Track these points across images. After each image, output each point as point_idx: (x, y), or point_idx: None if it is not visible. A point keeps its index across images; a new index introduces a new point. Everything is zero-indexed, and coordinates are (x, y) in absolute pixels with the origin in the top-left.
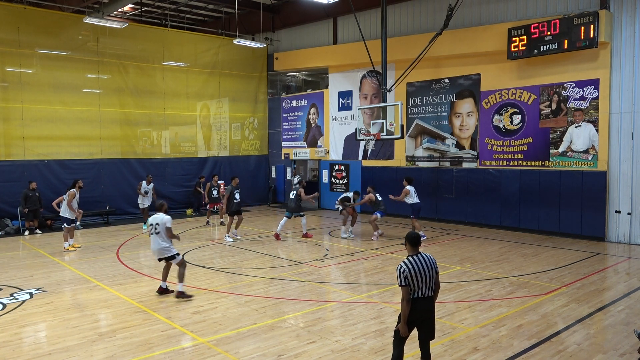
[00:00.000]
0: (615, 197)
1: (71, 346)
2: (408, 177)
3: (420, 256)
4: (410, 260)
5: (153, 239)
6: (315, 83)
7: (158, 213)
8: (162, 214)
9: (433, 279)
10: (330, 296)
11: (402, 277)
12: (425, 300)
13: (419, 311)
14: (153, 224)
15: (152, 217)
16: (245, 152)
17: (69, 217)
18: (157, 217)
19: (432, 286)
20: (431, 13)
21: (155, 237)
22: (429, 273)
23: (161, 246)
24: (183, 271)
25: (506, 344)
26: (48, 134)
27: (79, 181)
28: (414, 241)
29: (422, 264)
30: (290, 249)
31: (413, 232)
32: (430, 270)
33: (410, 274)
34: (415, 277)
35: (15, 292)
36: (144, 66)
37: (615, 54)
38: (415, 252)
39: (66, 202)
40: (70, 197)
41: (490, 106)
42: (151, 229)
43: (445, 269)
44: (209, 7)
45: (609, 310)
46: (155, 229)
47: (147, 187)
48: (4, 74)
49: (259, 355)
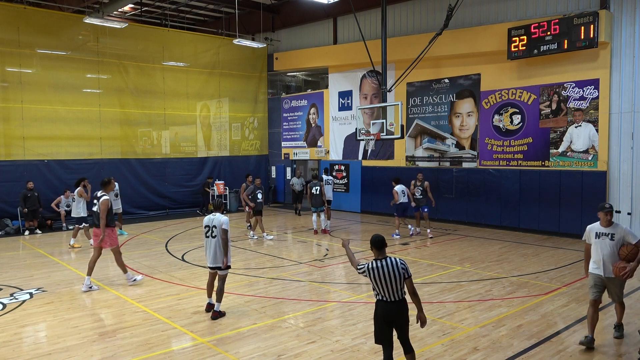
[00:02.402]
0: (615, 197)
1: (71, 346)
2: (395, 178)
3: (386, 261)
4: (373, 265)
5: (211, 243)
6: (315, 83)
7: (215, 213)
8: (219, 214)
9: (399, 285)
10: (330, 296)
11: (360, 271)
12: (388, 304)
13: (382, 314)
14: (210, 226)
15: (209, 217)
16: (245, 152)
17: (82, 216)
18: (215, 219)
19: (397, 291)
20: (431, 13)
21: (211, 241)
22: (393, 279)
23: (220, 251)
24: (223, 287)
25: (506, 344)
26: (48, 134)
27: (84, 180)
28: (378, 245)
29: (386, 269)
30: (290, 249)
31: (377, 235)
32: (395, 276)
33: (370, 275)
34: (376, 281)
35: (15, 292)
36: (144, 66)
37: (615, 54)
38: (381, 256)
39: (76, 202)
40: (79, 195)
41: (490, 106)
42: (207, 231)
43: (445, 269)
44: (209, 7)
45: (609, 310)
46: (212, 232)
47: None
48: (4, 74)
49: (259, 355)
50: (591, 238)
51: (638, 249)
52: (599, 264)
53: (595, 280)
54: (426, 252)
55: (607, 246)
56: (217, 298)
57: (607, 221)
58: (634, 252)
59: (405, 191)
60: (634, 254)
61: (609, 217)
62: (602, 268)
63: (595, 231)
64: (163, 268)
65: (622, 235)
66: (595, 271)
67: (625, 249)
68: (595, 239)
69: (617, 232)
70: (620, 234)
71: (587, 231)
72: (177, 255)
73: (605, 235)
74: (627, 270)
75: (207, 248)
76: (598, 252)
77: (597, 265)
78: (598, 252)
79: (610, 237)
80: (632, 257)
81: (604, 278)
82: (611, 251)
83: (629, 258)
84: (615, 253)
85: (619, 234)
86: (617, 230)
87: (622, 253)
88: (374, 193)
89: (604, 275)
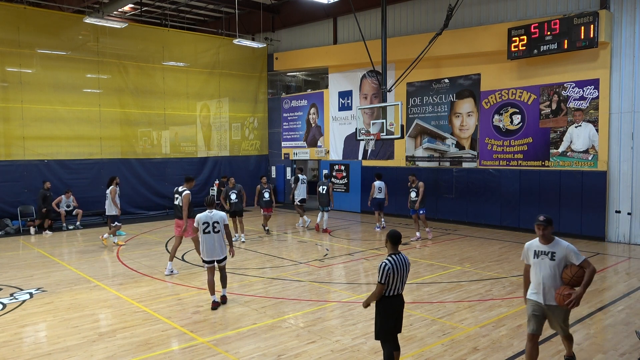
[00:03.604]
0: (615, 197)
1: (71, 346)
2: (377, 174)
3: (400, 256)
4: (394, 259)
5: (213, 238)
6: (315, 83)
7: (212, 210)
8: (215, 210)
9: (406, 278)
10: (330, 296)
11: (384, 274)
12: (399, 297)
13: (396, 308)
14: (210, 223)
15: (205, 214)
16: (245, 152)
17: (115, 214)
18: (216, 215)
19: (405, 284)
20: (431, 13)
21: (214, 235)
22: (405, 272)
23: (223, 244)
24: (225, 274)
25: (506, 344)
26: (48, 134)
27: (116, 177)
28: (395, 240)
29: (401, 263)
30: (290, 249)
31: (394, 230)
32: (406, 270)
33: (393, 271)
34: (394, 276)
35: (15, 292)
36: (144, 66)
37: (615, 54)
38: (396, 251)
39: (109, 200)
40: (113, 194)
41: (490, 106)
42: (206, 227)
43: (445, 269)
44: (209, 7)
45: (609, 310)
46: (214, 228)
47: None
48: (4, 74)
49: (259, 355)
50: (530, 258)
51: (584, 271)
52: (539, 289)
53: (534, 309)
54: (426, 252)
55: (548, 267)
56: (223, 285)
57: (544, 237)
58: (580, 274)
59: (383, 188)
60: (579, 277)
61: (542, 232)
62: (542, 294)
63: (534, 249)
64: (163, 268)
65: (564, 254)
66: (534, 297)
67: (569, 271)
68: (534, 259)
69: (558, 250)
70: (562, 252)
71: (525, 249)
72: (177, 255)
73: (545, 254)
74: (572, 298)
75: (206, 243)
76: (538, 275)
77: (536, 290)
78: (538, 275)
79: (551, 256)
80: (577, 281)
81: (544, 306)
82: (552, 273)
83: (573, 282)
84: (557, 276)
85: (560, 252)
86: (558, 248)
87: (565, 276)
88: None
89: (544, 303)
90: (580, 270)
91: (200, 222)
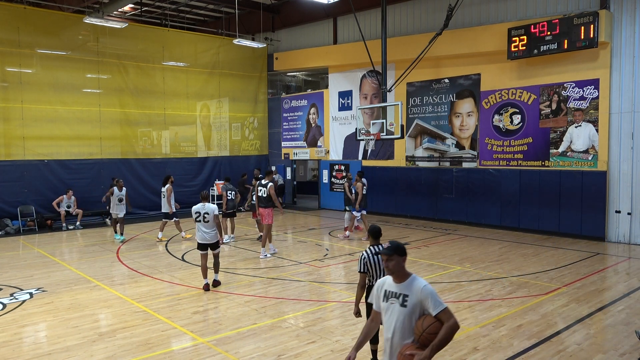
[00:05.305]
0: (615, 197)
1: (71, 346)
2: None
3: (379, 247)
4: (371, 250)
5: (203, 227)
6: (315, 83)
7: (204, 202)
8: (208, 203)
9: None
10: (330, 296)
11: (362, 263)
12: None
13: None
14: (201, 213)
15: (199, 206)
16: (245, 152)
17: (167, 212)
18: (206, 206)
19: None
20: (431, 13)
21: (203, 224)
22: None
23: (213, 232)
24: (218, 260)
25: (506, 344)
26: (48, 134)
27: (171, 177)
28: (375, 234)
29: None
30: (290, 249)
31: (374, 225)
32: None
33: (369, 261)
34: (373, 265)
35: (15, 292)
36: (144, 66)
37: (615, 54)
38: (376, 243)
39: (165, 198)
40: (169, 192)
41: (490, 106)
42: (197, 217)
43: (445, 269)
44: (209, 7)
45: (609, 310)
46: (204, 218)
47: (120, 194)
48: (4, 74)
49: (259, 355)
50: (379, 300)
51: (441, 325)
52: (385, 347)
53: None
54: (426, 252)
55: (398, 316)
56: (215, 270)
57: (391, 272)
58: (433, 330)
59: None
60: (432, 333)
61: (385, 263)
62: (388, 350)
63: (385, 289)
64: (163, 268)
65: (419, 298)
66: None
67: (421, 323)
68: (383, 302)
69: (411, 293)
70: (416, 297)
71: (375, 289)
72: (177, 255)
73: (395, 297)
74: None
75: (198, 230)
76: (387, 326)
77: (384, 347)
78: (387, 326)
79: (402, 300)
80: (429, 338)
81: None
82: (402, 325)
83: (423, 340)
84: (408, 328)
85: (414, 296)
86: (412, 290)
87: (416, 330)
88: (374, 193)
89: None
90: (436, 324)
91: (194, 211)
